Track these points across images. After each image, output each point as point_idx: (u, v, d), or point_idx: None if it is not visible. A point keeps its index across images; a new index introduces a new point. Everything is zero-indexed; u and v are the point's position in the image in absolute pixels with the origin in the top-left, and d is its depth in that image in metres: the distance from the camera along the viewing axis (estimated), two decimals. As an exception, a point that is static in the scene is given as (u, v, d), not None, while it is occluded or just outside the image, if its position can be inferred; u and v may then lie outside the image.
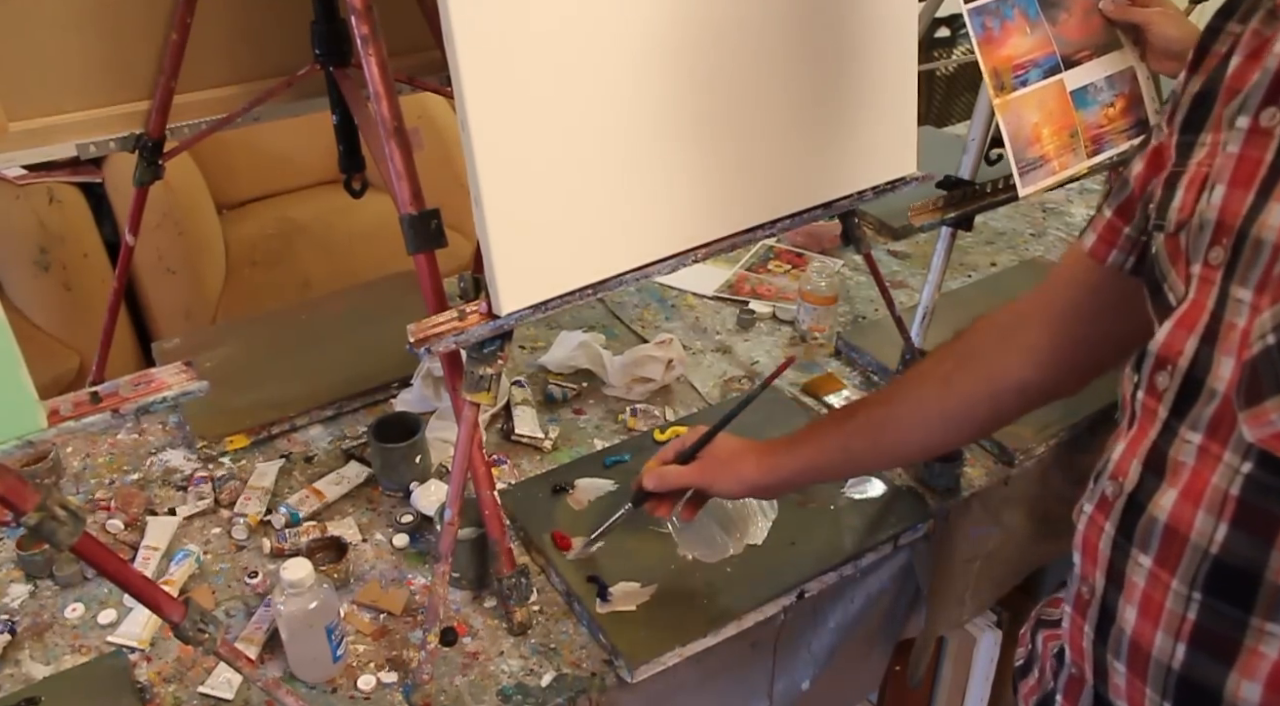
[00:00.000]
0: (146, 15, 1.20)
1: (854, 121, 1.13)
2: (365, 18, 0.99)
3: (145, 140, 1.26)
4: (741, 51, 1.01)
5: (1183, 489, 0.67)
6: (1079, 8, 1.30)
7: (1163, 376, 0.69)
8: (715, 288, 1.74)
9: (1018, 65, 1.25)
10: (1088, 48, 1.31)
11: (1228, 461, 0.64)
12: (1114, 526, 0.73)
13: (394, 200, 1.02)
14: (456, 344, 0.93)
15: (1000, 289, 1.76)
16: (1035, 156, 1.26)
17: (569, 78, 0.90)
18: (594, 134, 0.93)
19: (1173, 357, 0.68)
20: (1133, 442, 0.72)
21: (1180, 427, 0.68)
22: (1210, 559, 0.65)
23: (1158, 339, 0.69)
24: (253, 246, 2.60)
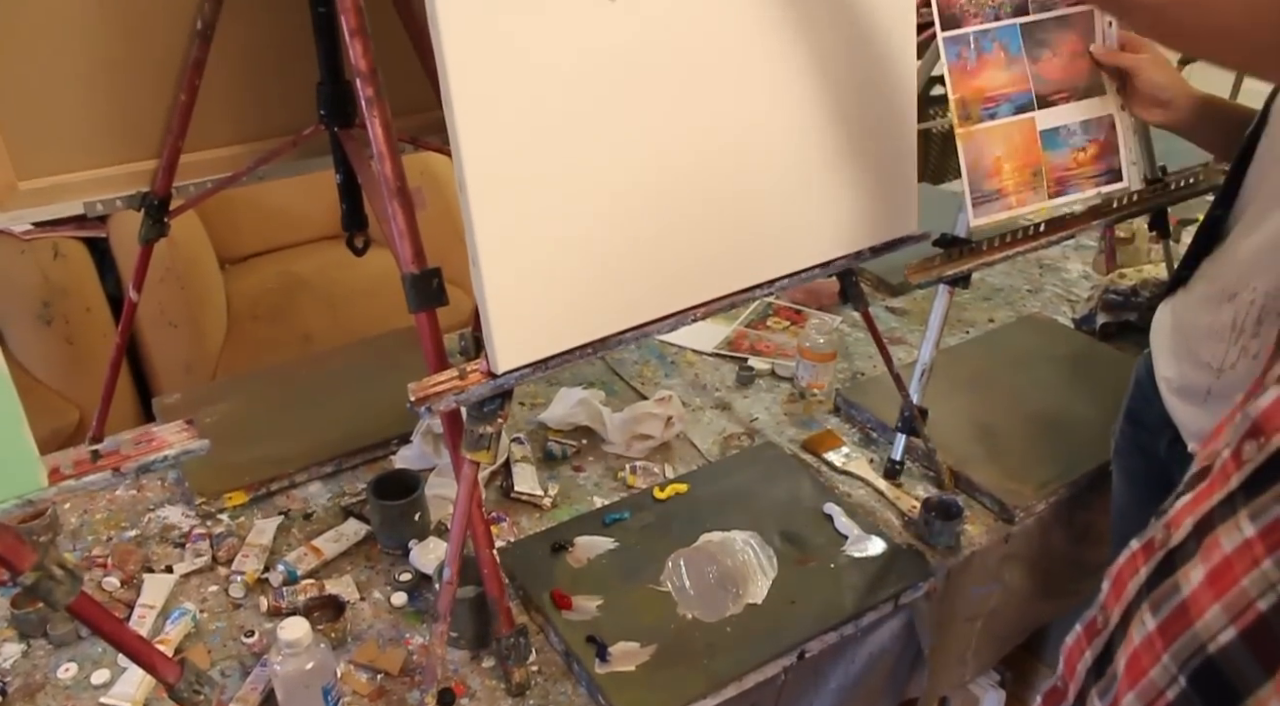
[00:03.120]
0: (155, 76, 1.22)
1: (854, 182, 1.14)
2: (370, 80, 1.01)
3: (151, 198, 1.27)
4: (742, 112, 1.03)
5: (1211, 573, 0.62)
6: (1065, 49, 1.32)
7: (1251, 446, 0.62)
8: (714, 344, 1.75)
9: (988, 98, 1.27)
10: (1067, 90, 1.33)
11: (1266, 571, 0.58)
12: (1148, 572, 0.70)
13: (396, 258, 1.03)
14: (457, 403, 0.93)
15: (999, 345, 1.77)
16: (992, 189, 1.28)
17: (567, 140, 0.91)
18: (592, 195, 0.94)
19: (1269, 431, 0.61)
20: (1197, 498, 0.66)
21: (1241, 510, 0.62)
22: (1205, 655, 0.61)
23: (1260, 403, 0.63)
24: (254, 301, 2.61)
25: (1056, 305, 1.94)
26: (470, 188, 0.86)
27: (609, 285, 0.98)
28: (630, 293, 1.00)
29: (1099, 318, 1.81)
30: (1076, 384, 1.64)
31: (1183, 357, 1.15)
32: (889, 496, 1.41)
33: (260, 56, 1.27)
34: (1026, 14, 1.29)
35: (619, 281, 0.98)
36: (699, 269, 1.04)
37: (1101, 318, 1.81)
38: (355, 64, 1.01)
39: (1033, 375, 1.67)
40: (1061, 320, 1.88)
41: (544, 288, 0.93)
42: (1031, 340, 1.79)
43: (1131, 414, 1.30)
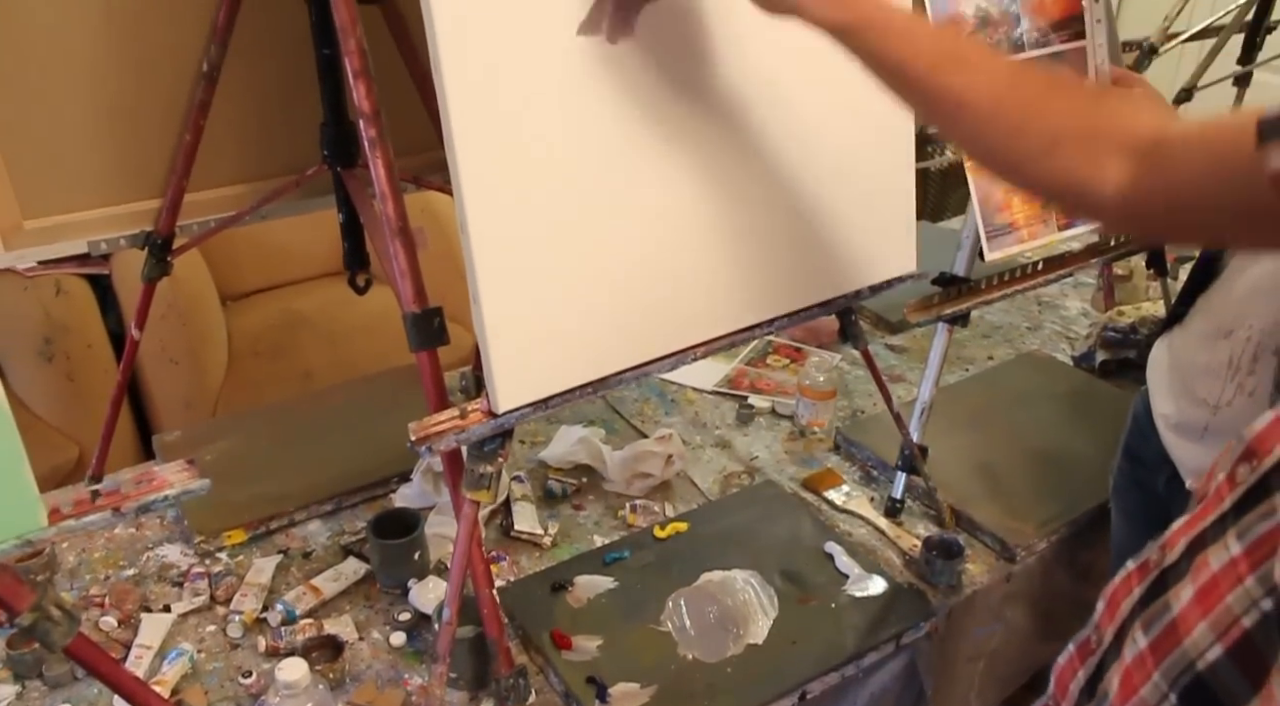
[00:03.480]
0: (162, 117, 1.23)
1: (853, 222, 1.15)
2: (373, 122, 1.02)
3: (155, 237, 1.28)
4: (742, 153, 1.04)
5: (1199, 591, 0.63)
6: None
7: (1244, 469, 0.63)
8: (714, 382, 1.75)
9: None
10: None
11: (1248, 588, 0.59)
12: (1141, 592, 0.70)
13: (397, 297, 1.04)
14: (458, 442, 0.93)
15: (999, 383, 1.77)
16: (1004, 223, 1.29)
17: (568, 180, 0.92)
18: (593, 236, 0.95)
19: (1261, 454, 0.62)
20: (1192, 520, 0.66)
21: (1230, 530, 0.63)
22: (1194, 672, 0.62)
23: (1255, 427, 0.64)
24: (255, 337, 2.62)
25: (1055, 342, 1.94)
26: (472, 228, 0.87)
27: (609, 325, 0.98)
28: (631, 332, 1.00)
29: (1098, 355, 1.82)
30: (1076, 421, 1.64)
31: (1180, 394, 1.15)
32: (890, 535, 1.40)
33: (265, 97, 1.28)
34: (1023, 50, 1.30)
35: (619, 321, 0.99)
36: (699, 308, 1.05)
37: (1101, 355, 1.82)
38: (359, 105, 1.02)
39: (1033, 413, 1.67)
40: (1061, 357, 1.88)
41: (545, 327, 0.94)
42: (1031, 378, 1.79)
43: (1129, 451, 1.30)
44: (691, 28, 0.97)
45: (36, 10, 1.10)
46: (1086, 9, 1.33)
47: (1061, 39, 1.32)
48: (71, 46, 1.14)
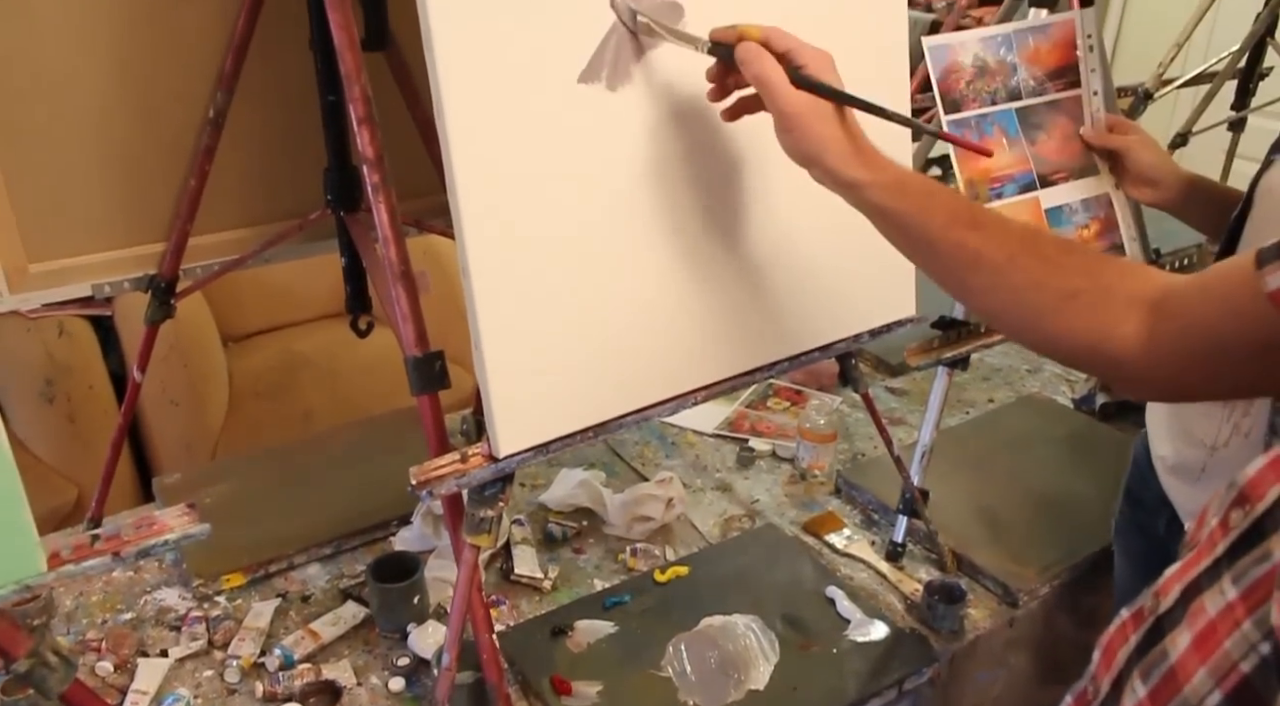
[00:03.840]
0: (167, 162, 1.24)
1: (852, 266, 1.16)
2: (377, 167, 1.03)
3: (159, 280, 1.29)
4: (741, 198, 1.05)
5: (1196, 637, 0.64)
6: (1058, 131, 1.35)
7: (1238, 514, 0.64)
8: (715, 425, 1.75)
9: (994, 178, 1.30)
10: (1065, 170, 1.36)
11: (1246, 632, 0.59)
12: (1137, 640, 0.70)
13: (399, 341, 1.04)
14: (458, 487, 0.93)
15: (999, 426, 1.77)
16: None
17: (569, 227, 0.93)
18: (594, 282, 0.95)
19: (1255, 498, 0.62)
20: (1186, 566, 0.67)
21: (1225, 574, 0.63)
22: None
23: (1248, 471, 0.64)
24: (256, 378, 2.62)
25: (1055, 385, 1.94)
26: (473, 274, 0.87)
27: (610, 369, 0.99)
28: (631, 377, 1.00)
29: (1098, 398, 1.82)
30: (1077, 465, 1.64)
31: (1177, 436, 1.15)
32: (891, 579, 1.39)
33: (270, 143, 1.29)
34: (1020, 99, 1.32)
35: (620, 365, 0.99)
36: (699, 352, 1.05)
37: (1101, 398, 1.82)
38: (362, 151, 1.04)
39: (1034, 456, 1.67)
40: (1061, 400, 1.88)
41: (546, 372, 0.94)
42: (1032, 421, 1.79)
43: (1130, 493, 1.30)
44: (690, 76, 0.98)
45: (48, 57, 1.12)
46: (1081, 59, 1.35)
47: (1057, 87, 1.34)
48: (81, 92, 1.15)
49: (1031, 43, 1.33)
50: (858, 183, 0.86)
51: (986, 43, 1.30)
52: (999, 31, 1.31)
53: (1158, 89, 2.12)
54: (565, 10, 0.89)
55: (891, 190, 0.85)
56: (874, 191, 0.85)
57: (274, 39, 1.21)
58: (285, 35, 1.21)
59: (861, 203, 0.87)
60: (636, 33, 0.94)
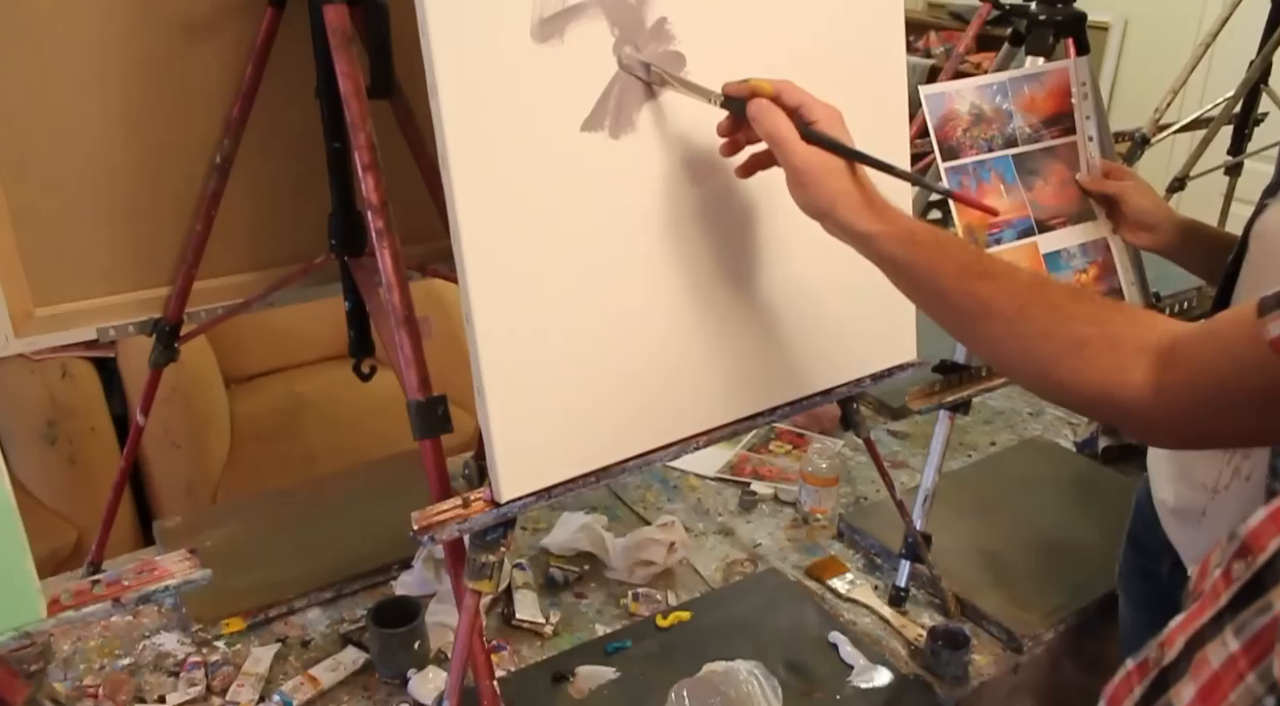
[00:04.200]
0: (174, 207, 1.25)
1: (852, 311, 1.16)
2: (381, 213, 1.04)
3: (163, 324, 1.30)
4: (741, 244, 1.06)
5: (1201, 689, 0.63)
6: (1055, 177, 1.37)
7: (1240, 565, 0.64)
8: (717, 468, 1.75)
9: (992, 224, 1.31)
10: (1062, 215, 1.37)
11: (1250, 685, 0.59)
12: (1142, 691, 0.69)
13: (402, 386, 1.05)
14: (460, 532, 0.93)
15: (1002, 469, 1.77)
16: None
17: (571, 274, 0.94)
18: (597, 327, 0.96)
19: (1257, 550, 0.63)
20: (1190, 617, 0.67)
21: (1228, 626, 0.63)
22: None
23: (1250, 523, 0.64)
24: (259, 421, 2.62)
25: (1058, 428, 1.94)
26: (477, 321, 0.88)
27: (613, 414, 0.99)
28: (634, 422, 1.01)
29: (1101, 441, 1.82)
30: (1081, 508, 1.63)
31: (1178, 479, 1.15)
32: (894, 624, 1.39)
33: (275, 188, 1.31)
34: (1016, 146, 1.34)
35: (623, 411, 1.00)
36: (701, 397, 1.06)
37: (1103, 441, 1.82)
38: (367, 197, 1.05)
39: (1037, 499, 1.66)
40: (1064, 443, 1.88)
41: (548, 417, 0.94)
42: (1034, 464, 1.79)
43: (1133, 538, 1.29)
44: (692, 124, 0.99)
45: (60, 104, 1.13)
46: (1076, 106, 1.37)
47: (1053, 134, 1.36)
48: (91, 138, 1.17)
49: (1027, 91, 1.34)
50: (869, 234, 0.87)
51: (982, 91, 1.31)
52: (994, 80, 1.32)
53: (1155, 134, 2.14)
54: (569, 59, 0.91)
55: (902, 241, 0.87)
56: (885, 242, 0.87)
57: (281, 87, 1.23)
58: (292, 83, 1.23)
59: (873, 253, 0.88)
60: (649, 83, 0.96)
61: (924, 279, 0.87)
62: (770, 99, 0.89)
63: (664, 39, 0.97)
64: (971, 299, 0.85)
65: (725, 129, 0.96)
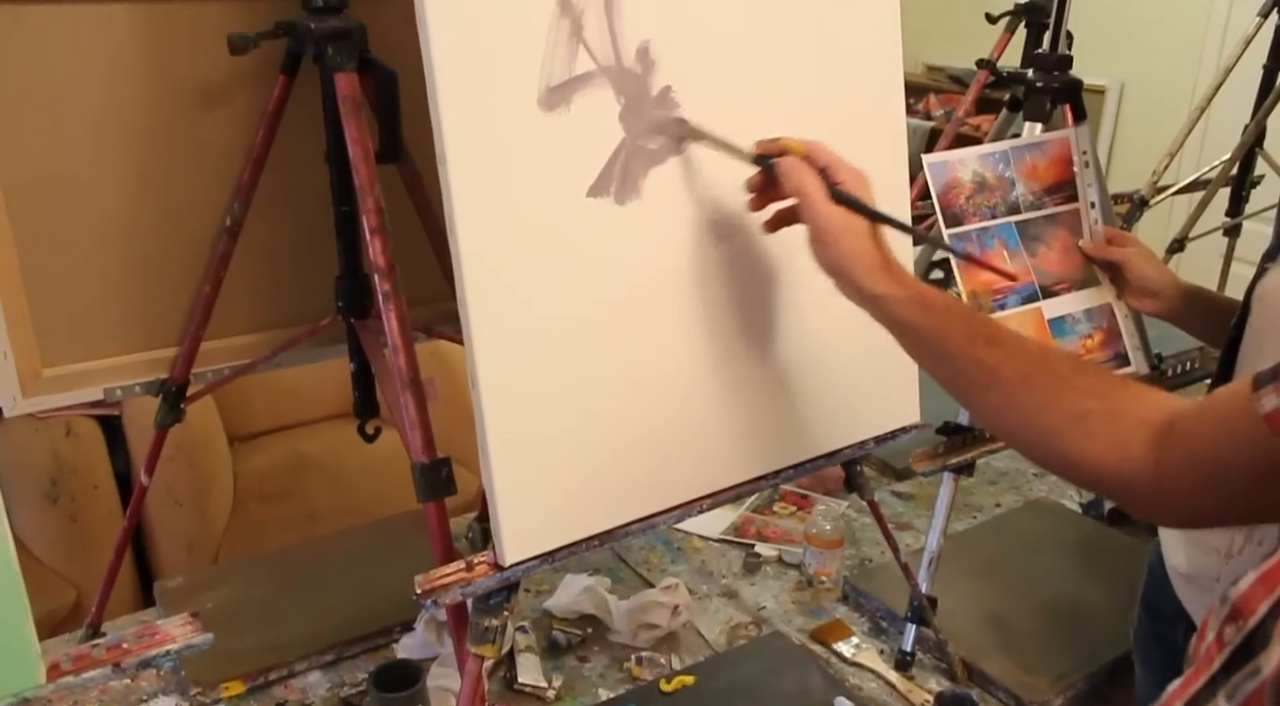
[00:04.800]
0: (183, 269, 1.27)
1: (854, 374, 1.17)
2: (388, 276, 1.06)
3: (170, 385, 1.30)
4: (745, 310, 1.07)
5: None
6: (1059, 244, 1.38)
7: (1231, 629, 0.64)
8: (721, 530, 1.74)
9: (996, 290, 1.31)
10: (1066, 281, 1.38)
11: None
12: None
13: (406, 447, 1.05)
14: (463, 596, 0.93)
15: (1008, 531, 1.76)
16: None
17: (577, 336, 0.95)
18: (602, 391, 0.97)
19: (1246, 614, 0.63)
20: (1185, 683, 0.66)
21: (1220, 691, 0.62)
22: None
23: (1240, 587, 0.65)
24: (261, 479, 2.62)
25: (1063, 489, 1.93)
26: (482, 385, 0.88)
27: (617, 477, 0.99)
28: (638, 485, 1.01)
29: (1106, 502, 1.81)
30: (1088, 570, 1.62)
31: (1190, 544, 1.14)
32: (901, 690, 1.37)
33: (283, 250, 1.32)
34: (1019, 213, 1.35)
35: (627, 474, 1.00)
36: (705, 461, 1.06)
37: (1109, 502, 1.81)
38: (374, 260, 1.06)
39: (1043, 561, 1.65)
40: (1069, 504, 1.87)
41: (553, 480, 0.95)
42: (1040, 525, 1.78)
43: (1147, 603, 1.28)
44: (695, 191, 1.01)
45: (76, 168, 1.15)
46: (1078, 173, 1.39)
47: (1055, 201, 1.38)
48: (105, 202, 1.18)
49: (1028, 158, 1.36)
50: (881, 296, 0.88)
51: (985, 159, 1.33)
52: (996, 148, 1.34)
53: (1153, 196, 2.17)
54: (575, 127, 0.92)
55: (914, 305, 0.87)
56: (896, 305, 0.88)
57: (291, 151, 1.25)
58: (302, 148, 1.25)
59: (883, 315, 0.89)
60: (682, 138, 0.98)
61: (932, 343, 0.88)
62: (800, 158, 0.91)
63: (668, 107, 0.98)
64: (978, 366, 0.85)
65: (754, 185, 0.97)
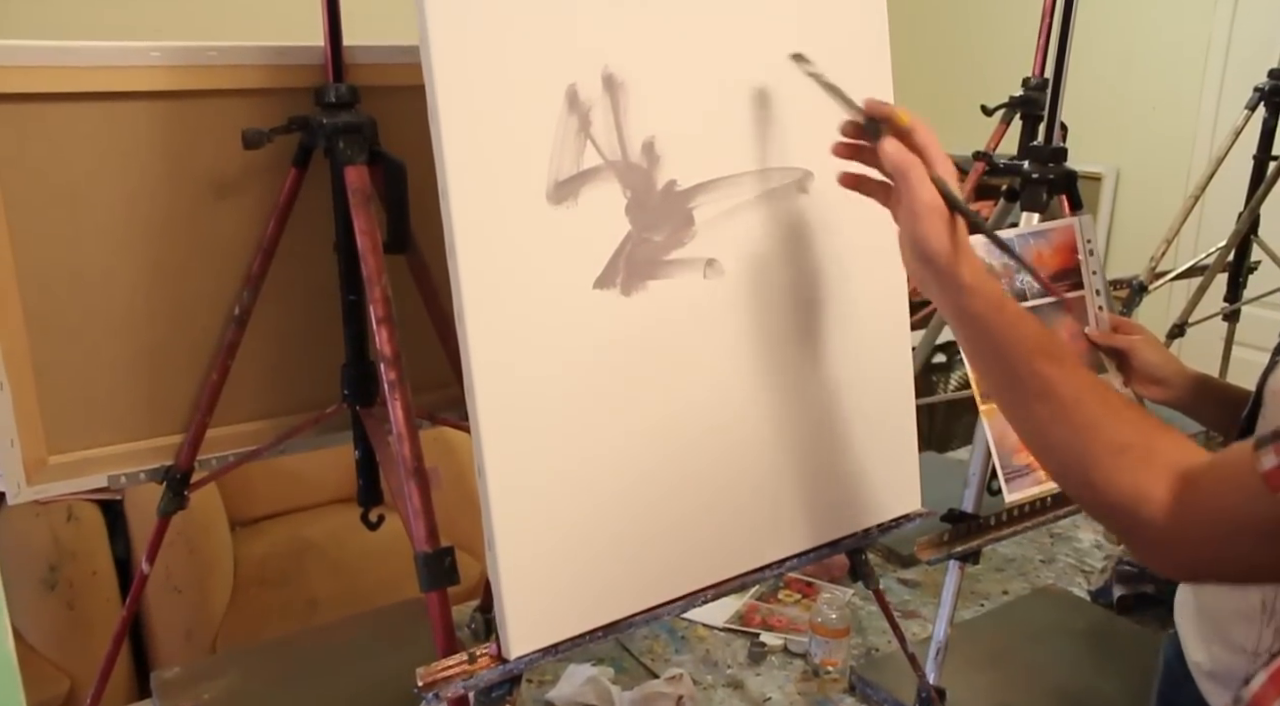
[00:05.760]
0: (191, 357, 1.28)
1: (858, 461, 1.17)
2: (394, 365, 1.07)
3: (174, 472, 1.30)
4: (750, 399, 1.07)
5: None
6: (1065, 331, 1.39)
7: None
8: (725, 618, 1.72)
9: None
10: None
11: None
12: None
13: (409, 536, 1.05)
14: (465, 689, 0.92)
15: (1015, 619, 1.73)
16: (1021, 464, 1.30)
17: (584, 429, 0.95)
18: (607, 482, 0.97)
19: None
20: None
21: None
22: None
23: (1253, 686, 0.67)
24: (262, 565, 2.60)
25: (1070, 576, 1.91)
26: (490, 477, 0.89)
27: (623, 568, 0.99)
28: (643, 575, 1.00)
29: (1115, 590, 1.79)
30: (1099, 660, 1.60)
31: (1212, 640, 1.12)
32: (911, 785, 1.34)
33: (290, 338, 1.33)
34: (1025, 300, 1.37)
35: (633, 565, 0.99)
36: (709, 551, 1.06)
37: (1118, 590, 1.79)
38: (380, 349, 1.07)
39: (1053, 651, 1.62)
40: (1077, 592, 1.85)
41: (559, 573, 0.94)
42: (1049, 614, 1.76)
43: (1164, 698, 1.25)
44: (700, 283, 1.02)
45: (89, 259, 1.17)
46: (1082, 261, 1.41)
47: (1060, 289, 1.39)
48: (116, 292, 1.20)
49: (1033, 246, 1.38)
50: (968, 287, 0.88)
51: (991, 247, 1.35)
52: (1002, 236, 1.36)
53: (1152, 282, 2.19)
54: (582, 220, 0.95)
55: (992, 304, 0.88)
56: (977, 300, 0.88)
57: (301, 241, 1.27)
58: (312, 238, 1.27)
59: (958, 307, 0.89)
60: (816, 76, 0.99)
61: (999, 346, 0.88)
62: (906, 129, 0.91)
63: (673, 199, 1.01)
64: (1037, 378, 0.85)
65: (847, 145, 0.97)
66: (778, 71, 1.05)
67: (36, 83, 1.08)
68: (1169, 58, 3.87)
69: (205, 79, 1.16)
